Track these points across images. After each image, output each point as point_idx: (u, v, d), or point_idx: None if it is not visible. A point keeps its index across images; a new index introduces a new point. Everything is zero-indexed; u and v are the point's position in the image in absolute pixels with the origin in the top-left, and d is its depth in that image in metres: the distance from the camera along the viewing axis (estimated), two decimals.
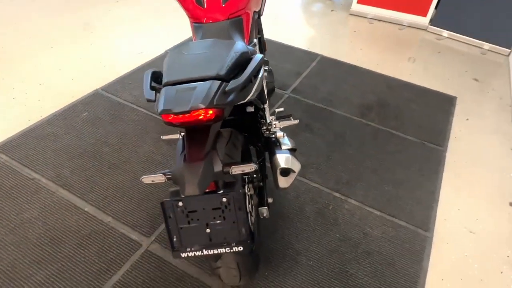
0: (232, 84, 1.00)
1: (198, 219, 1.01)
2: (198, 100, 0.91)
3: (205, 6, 1.57)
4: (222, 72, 1.02)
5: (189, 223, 1.02)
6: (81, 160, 2.03)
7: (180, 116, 0.92)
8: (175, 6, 3.74)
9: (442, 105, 2.75)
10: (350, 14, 4.02)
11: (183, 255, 1.04)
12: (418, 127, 2.50)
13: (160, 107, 0.92)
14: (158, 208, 1.81)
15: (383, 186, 2.04)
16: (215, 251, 1.03)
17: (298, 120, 1.63)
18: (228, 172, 1.00)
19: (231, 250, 1.03)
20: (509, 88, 3.03)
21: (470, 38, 3.61)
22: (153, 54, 3.02)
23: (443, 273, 1.66)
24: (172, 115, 0.95)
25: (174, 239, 1.03)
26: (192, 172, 0.94)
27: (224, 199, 1.00)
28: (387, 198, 1.97)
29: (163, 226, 1.72)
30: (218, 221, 1.01)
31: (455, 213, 1.94)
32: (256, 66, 1.09)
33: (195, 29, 1.60)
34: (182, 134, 1.23)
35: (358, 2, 3.95)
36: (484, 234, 1.85)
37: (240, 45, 1.12)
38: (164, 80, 1.03)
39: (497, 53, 3.52)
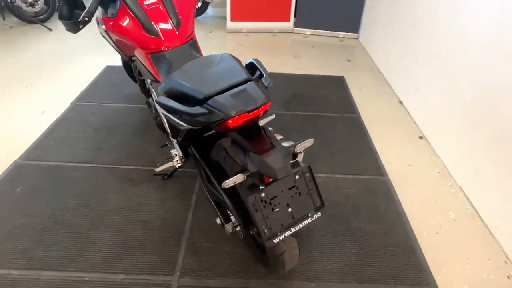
0: (265, 81, 1.15)
1: (279, 203, 1.12)
2: (261, 97, 1.04)
3: (163, 37, 1.64)
4: (248, 75, 1.16)
5: (272, 210, 1.11)
6: (49, 234, 1.77)
7: (246, 114, 1.03)
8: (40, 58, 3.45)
9: (338, 85, 3.33)
10: (228, 32, 4.41)
11: (275, 240, 1.12)
12: (332, 105, 2.99)
13: (231, 111, 1.02)
14: (165, 244, 1.74)
15: (335, 156, 2.40)
16: (300, 226, 1.15)
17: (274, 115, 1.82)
18: (294, 151, 1.14)
19: (312, 219, 1.17)
20: (371, 61, 3.86)
21: (327, 31, 4.42)
22: (57, 110, 2.76)
23: (411, 199, 2.09)
24: (231, 120, 1.05)
25: (265, 231, 1.10)
26: (275, 158, 1.05)
27: (297, 176, 1.13)
28: (343, 163, 2.34)
29: (181, 257, 1.68)
30: (295, 198, 1.14)
31: (392, 156, 2.44)
32: (263, 65, 1.26)
33: (154, 58, 1.64)
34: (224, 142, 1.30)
35: (231, 20, 4.37)
36: (417, 163, 2.38)
37: (231, 56, 1.28)
38: (204, 92, 1.11)
39: (350, 38, 4.41)
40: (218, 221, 1.56)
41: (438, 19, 2.52)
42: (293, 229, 1.14)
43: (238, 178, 1.07)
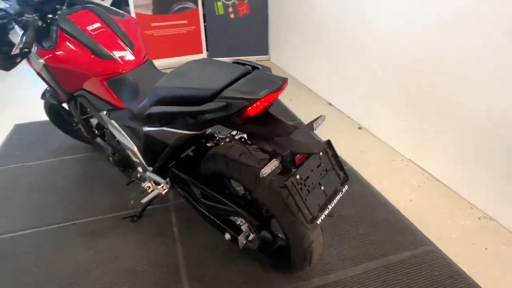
0: (265, 69, 1.16)
1: (312, 183, 1.09)
2: (278, 77, 1.04)
3: (120, 60, 1.53)
4: (248, 67, 1.16)
5: (308, 191, 1.08)
6: None
7: (271, 95, 1.01)
8: None
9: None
10: None
11: (318, 221, 1.08)
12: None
13: (258, 94, 0.99)
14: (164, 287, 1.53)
15: None
16: (333, 203, 1.13)
17: None
18: (313, 128, 1.14)
19: (342, 193, 1.16)
20: (290, 76, 4.14)
21: (240, 57, 4.62)
22: None
23: (377, 178, 2.25)
24: (255, 104, 1.02)
25: (308, 213, 1.06)
26: (305, 135, 1.03)
27: (321, 153, 1.13)
28: None
29: None
30: (324, 176, 1.13)
31: (342, 147, 2.60)
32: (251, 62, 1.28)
33: (112, 83, 1.52)
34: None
35: None
36: (366, 149, 2.59)
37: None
38: (213, 88, 1.07)
39: (262, 60, 4.69)
40: (228, 236, 1.44)
41: (346, 19, 2.87)
42: (329, 207, 1.12)
43: (273, 164, 1.02)
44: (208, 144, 1.56)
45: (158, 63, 4.24)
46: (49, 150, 2.59)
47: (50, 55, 1.56)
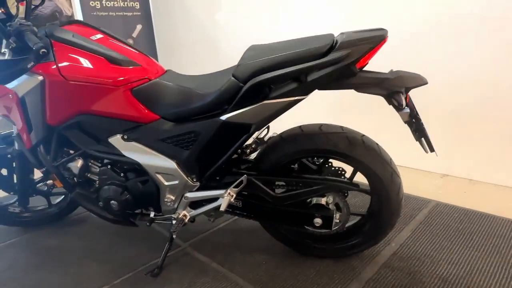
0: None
1: (413, 110, 1.20)
2: (374, 30, 1.16)
3: (145, 65, 1.37)
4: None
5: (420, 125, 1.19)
6: None
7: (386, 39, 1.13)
8: None
9: None
10: None
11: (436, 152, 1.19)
12: None
13: (383, 35, 1.08)
14: None
15: None
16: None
17: None
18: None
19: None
20: None
21: None
22: None
23: None
24: (380, 44, 1.12)
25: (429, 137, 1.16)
26: (405, 72, 1.15)
27: None
28: None
29: None
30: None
31: None
32: None
33: (141, 91, 1.35)
34: None
35: None
36: None
37: None
38: (326, 43, 1.13)
39: None
40: (318, 221, 1.34)
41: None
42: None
43: (403, 114, 1.11)
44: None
45: None
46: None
47: (53, 66, 1.22)
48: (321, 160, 1.40)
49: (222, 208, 1.32)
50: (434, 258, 1.51)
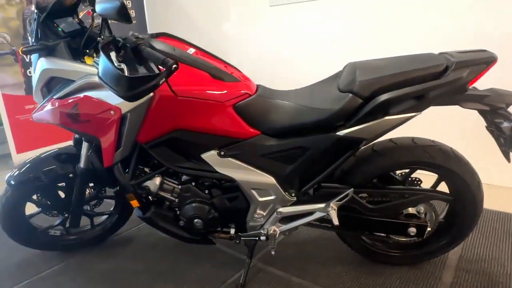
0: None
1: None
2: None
3: (246, 82, 1.37)
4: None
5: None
6: None
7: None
8: None
9: None
10: None
11: None
12: None
13: (493, 56, 1.17)
14: None
15: None
16: None
17: None
18: None
19: None
20: None
21: None
22: None
23: None
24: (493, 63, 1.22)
25: None
26: (498, 90, 1.25)
27: None
28: None
29: None
30: None
31: None
32: None
33: (242, 107, 1.33)
34: None
35: (18, 153, 3.25)
36: None
37: None
38: (443, 62, 1.20)
39: None
40: (413, 230, 1.39)
41: None
42: None
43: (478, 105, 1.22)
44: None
45: (36, 154, 3.33)
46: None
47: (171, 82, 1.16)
48: (407, 171, 1.46)
49: (335, 223, 1.33)
50: (498, 258, 1.63)
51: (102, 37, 1.40)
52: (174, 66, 1.01)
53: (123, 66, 1.07)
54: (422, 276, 1.53)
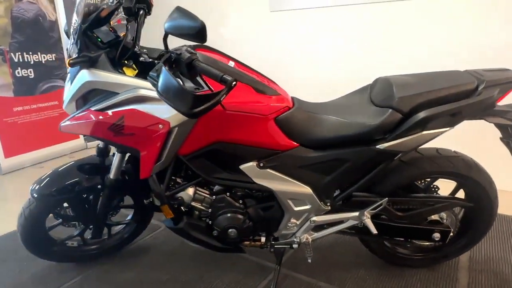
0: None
1: None
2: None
3: (285, 95, 1.40)
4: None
5: None
6: None
7: None
8: None
9: None
10: (4, 174, 3.08)
11: None
12: None
13: None
14: None
15: None
16: None
17: None
18: None
19: None
20: None
21: None
22: None
23: None
24: None
25: None
26: None
27: None
28: None
29: None
30: None
31: None
32: None
33: (282, 120, 1.35)
34: None
35: (6, 157, 3.10)
36: None
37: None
38: (472, 81, 1.29)
39: None
40: (437, 235, 1.48)
41: None
42: None
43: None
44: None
45: (30, 157, 3.20)
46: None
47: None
48: (429, 180, 1.55)
49: (374, 231, 1.39)
50: (504, 258, 1.75)
51: (144, 50, 1.39)
52: (234, 83, 1.02)
53: (188, 83, 1.07)
54: (440, 277, 1.63)
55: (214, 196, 1.46)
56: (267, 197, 1.45)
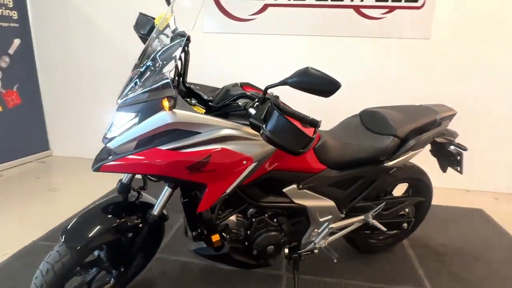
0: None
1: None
2: None
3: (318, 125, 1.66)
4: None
5: None
6: None
7: None
8: None
9: None
10: None
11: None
12: None
13: None
14: None
15: None
16: None
17: None
18: None
19: None
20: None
21: (17, 160, 3.46)
22: None
23: None
24: None
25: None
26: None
27: None
28: None
29: None
30: None
31: None
32: None
33: (318, 148, 1.62)
34: None
35: None
36: None
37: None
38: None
39: (47, 156, 3.76)
40: (406, 225, 1.98)
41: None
42: None
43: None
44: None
45: None
46: None
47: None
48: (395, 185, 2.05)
49: (383, 229, 1.78)
50: (433, 233, 2.42)
51: (197, 87, 1.42)
52: (319, 123, 1.24)
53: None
54: (397, 256, 2.17)
55: (253, 219, 1.59)
56: (296, 213, 1.67)
